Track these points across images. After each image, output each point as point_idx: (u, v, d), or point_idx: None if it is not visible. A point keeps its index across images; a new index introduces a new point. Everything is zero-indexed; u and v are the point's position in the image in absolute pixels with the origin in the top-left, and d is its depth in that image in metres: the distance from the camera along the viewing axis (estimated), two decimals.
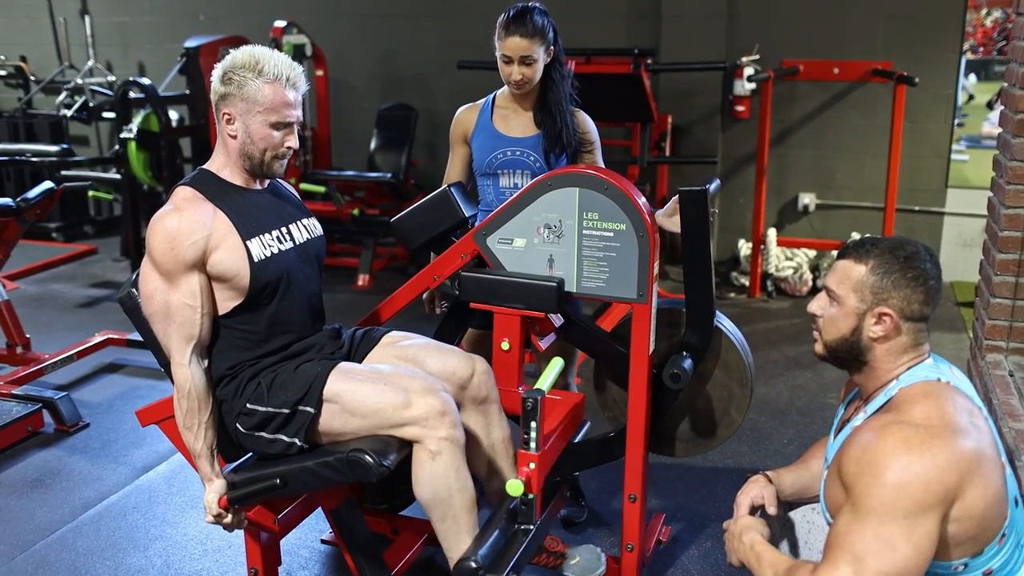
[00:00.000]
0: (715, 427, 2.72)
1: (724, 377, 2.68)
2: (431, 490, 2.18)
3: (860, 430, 1.74)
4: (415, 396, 2.15)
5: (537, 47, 2.76)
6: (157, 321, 2.18)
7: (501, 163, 2.90)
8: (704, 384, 2.69)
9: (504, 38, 2.76)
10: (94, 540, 3.07)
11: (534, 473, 2.20)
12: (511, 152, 2.89)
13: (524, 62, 2.76)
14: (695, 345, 2.58)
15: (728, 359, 2.67)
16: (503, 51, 2.77)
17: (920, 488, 1.60)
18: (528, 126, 2.89)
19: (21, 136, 7.29)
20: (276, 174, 2.32)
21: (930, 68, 5.58)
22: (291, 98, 2.23)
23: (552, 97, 2.85)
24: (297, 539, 3.03)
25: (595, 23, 6.21)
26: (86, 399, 4.20)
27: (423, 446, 2.15)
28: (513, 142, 2.89)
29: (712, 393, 2.70)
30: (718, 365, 2.68)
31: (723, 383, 2.69)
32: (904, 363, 1.81)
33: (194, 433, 2.19)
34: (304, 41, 6.27)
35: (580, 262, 2.48)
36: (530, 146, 2.88)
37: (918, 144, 5.75)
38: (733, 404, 2.70)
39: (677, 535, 3.05)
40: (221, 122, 2.25)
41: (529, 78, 2.79)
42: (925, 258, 1.80)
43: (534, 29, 2.74)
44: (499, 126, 2.92)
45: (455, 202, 2.67)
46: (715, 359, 2.67)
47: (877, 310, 1.79)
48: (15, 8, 7.85)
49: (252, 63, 2.19)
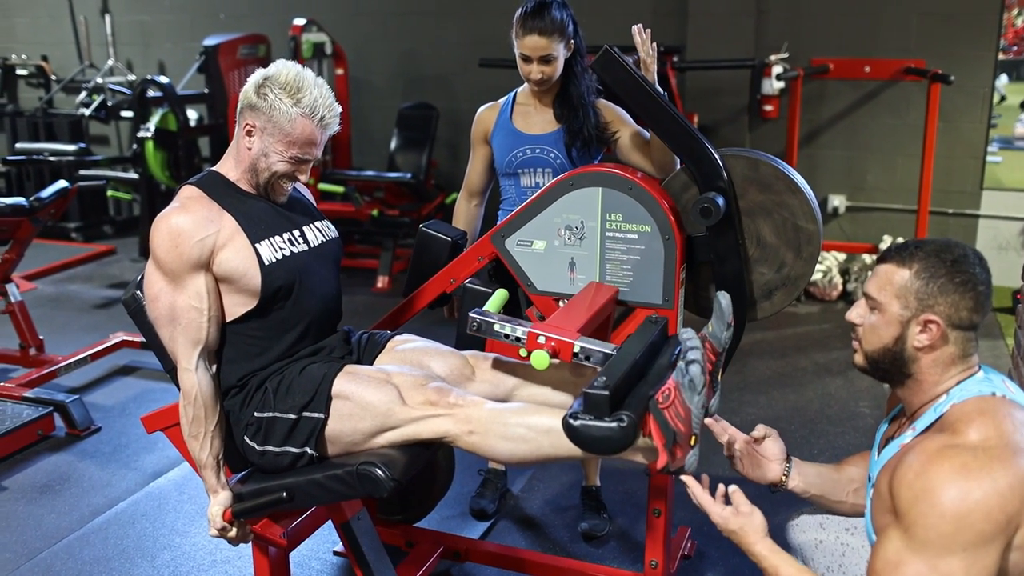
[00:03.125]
0: (798, 249, 2.41)
1: (770, 196, 2.39)
2: (503, 445, 1.98)
3: (911, 450, 1.61)
4: (405, 392, 2.04)
5: (556, 44, 2.65)
6: (162, 324, 2.08)
7: (521, 162, 2.80)
8: (758, 216, 2.41)
9: (522, 36, 2.65)
10: (101, 549, 2.99)
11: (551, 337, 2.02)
12: (531, 150, 2.79)
13: (543, 60, 2.66)
14: (716, 184, 2.34)
15: (761, 176, 2.38)
16: (521, 50, 2.67)
17: (981, 518, 1.47)
18: (549, 122, 2.78)
19: (41, 135, 7.27)
20: (277, 200, 2.21)
21: (965, 66, 5.42)
22: (318, 137, 2.12)
23: (574, 90, 2.74)
24: (309, 550, 2.93)
25: (619, 20, 6.05)
26: (99, 402, 4.13)
27: (456, 439, 2.01)
28: (533, 140, 2.78)
29: (771, 219, 2.41)
30: (757, 189, 2.39)
31: (774, 202, 2.40)
32: (953, 376, 1.68)
33: (200, 442, 2.10)
34: (324, 39, 6.19)
35: (603, 265, 2.37)
36: (550, 143, 2.77)
37: (952, 145, 5.59)
38: (798, 215, 2.39)
39: (703, 550, 2.93)
40: (241, 129, 2.15)
41: (549, 76, 2.69)
42: (974, 262, 1.67)
43: (553, 25, 2.63)
44: (519, 124, 2.81)
45: (434, 235, 2.60)
46: (749, 185, 2.39)
47: (922, 317, 1.66)
48: (37, 8, 7.84)
49: (294, 86, 2.07)
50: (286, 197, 2.23)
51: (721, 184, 2.34)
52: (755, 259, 2.46)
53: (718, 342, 1.98)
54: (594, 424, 1.78)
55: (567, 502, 3.22)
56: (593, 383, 1.82)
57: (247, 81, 2.13)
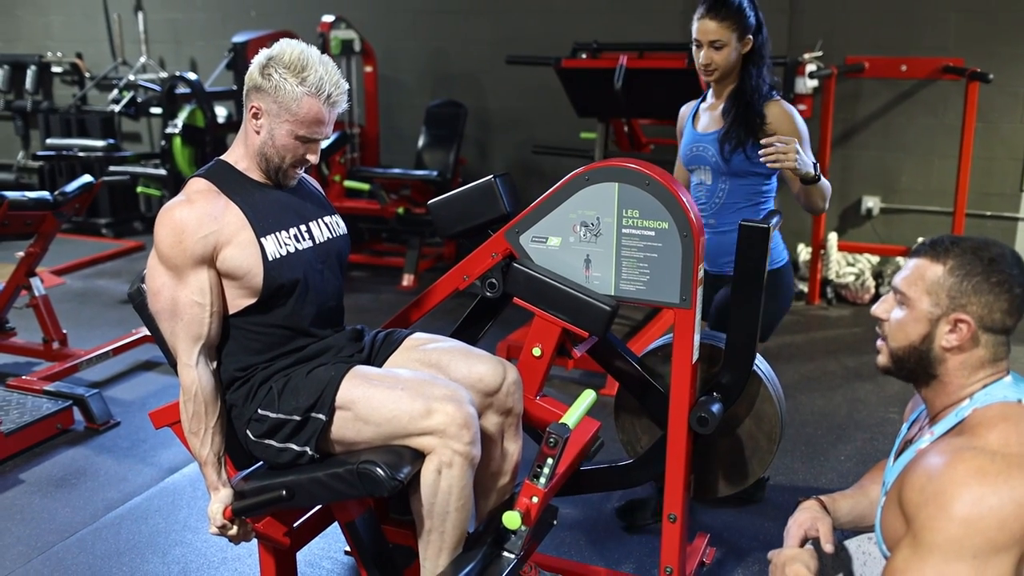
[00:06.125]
0: (731, 475, 2.59)
1: (753, 428, 2.55)
2: (429, 501, 2.02)
3: (925, 454, 1.53)
4: (436, 404, 1.97)
5: (728, 32, 2.61)
6: (164, 319, 2.05)
7: (690, 159, 2.79)
8: (730, 427, 2.54)
9: (696, 19, 2.64)
10: (113, 543, 2.97)
11: (535, 507, 2.09)
12: (696, 148, 2.77)
13: (713, 46, 2.62)
14: (729, 387, 2.40)
15: (762, 410, 2.53)
16: (694, 34, 2.65)
17: (994, 525, 1.38)
18: (716, 120, 2.74)
19: (74, 132, 7.33)
20: (288, 183, 2.17)
21: (1005, 65, 5.26)
22: (326, 116, 2.07)
23: (745, 87, 2.67)
24: (320, 549, 2.89)
25: (650, 18, 6.01)
26: (119, 397, 4.13)
27: (435, 455, 1.98)
28: (700, 137, 2.76)
29: (738, 440, 2.56)
30: (750, 414, 2.54)
31: (751, 433, 2.56)
32: (979, 380, 1.59)
33: (200, 439, 2.06)
34: (353, 36, 6.17)
35: (619, 263, 2.30)
36: (710, 140, 2.73)
37: (991, 145, 5.44)
38: (756, 457, 2.57)
39: (722, 558, 2.85)
40: (248, 112, 2.11)
41: (717, 64, 2.64)
42: (1012, 263, 1.58)
43: (727, 12, 2.60)
44: (697, 120, 2.81)
45: (498, 194, 2.45)
46: (748, 406, 2.53)
47: (953, 316, 1.57)
48: (72, 6, 7.91)
49: (298, 65, 2.02)
50: (296, 180, 2.19)
51: (733, 391, 2.40)
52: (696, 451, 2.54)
53: None
54: None
55: (580, 507, 3.15)
56: None
57: (252, 62, 2.09)
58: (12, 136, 8.18)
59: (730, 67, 2.68)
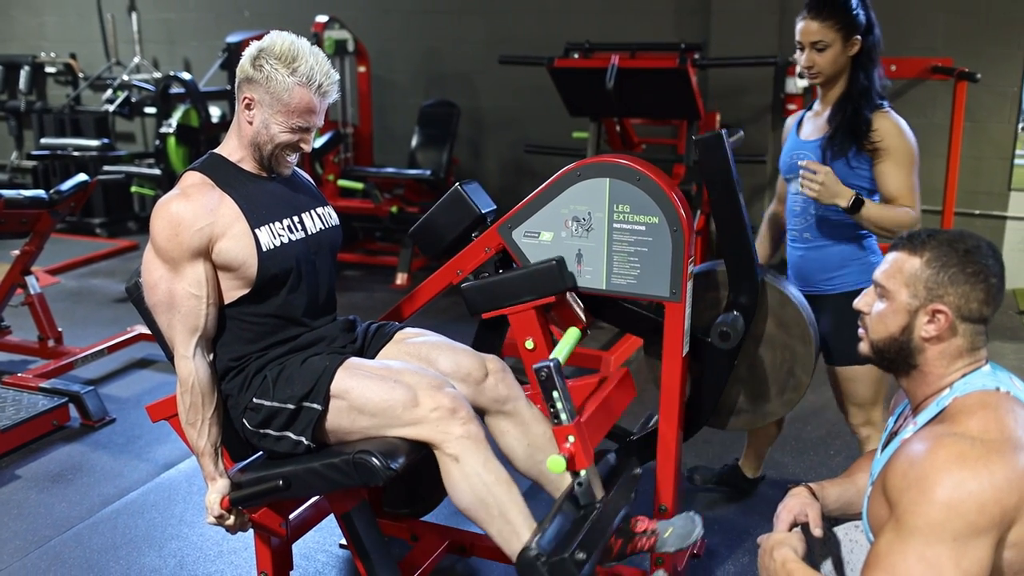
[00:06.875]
0: (782, 390, 2.49)
1: (783, 335, 2.44)
2: (468, 495, 2.02)
3: (909, 442, 1.57)
4: (421, 393, 2.02)
5: (832, 32, 2.46)
6: (161, 312, 2.08)
7: (788, 167, 2.64)
8: (763, 346, 2.47)
9: (798, 20, 2.52)
10: (110, 537, 2.99)
11: (577, 447, 2.03)
12: (796, 156, 2.60)
13: (815, 48, 2.48)
14: (743, 303, 2.38)
15: (785, 315, 2.43)
16: (796, 35, 2.53)
17: (974, 508, 1.42)
18: (821, 127, 2.57)
19: (68, 132, 7.35)
20: (283, 172, 2.20)
21: (993, 65, 5.32)
22: (317, 105, 2.10)
23: (852, 92, 2.49)
24: (315, 542, 2.92)
25: (643, 18, 6.06)
26: (114, 394, 4.15)
27: (443, 452, 2.02)
28: (801, 144, 2.61)
29: (773, 354, 2.47)
30: (775, 323, 2.44)
31: (784, 342, 2.45)
32: (959, 369, 1.63)
33: (197, 430, 2.09)
34: (346, 37, 6.20)
35: (610, 257, 2.34)
36: (811, 149, 2.56)
37: (979, 145, 5.49)
38: (798, 363, 2.45)
39: (713, 548, 2.88)
40: (240, 104, 2.14)
41: (820, 68, 2.49)
42: (987, 253, 1.62)
43: (830, 11, 2.45)
44: (801, 127, 2.67)
45: (468, 200, 2.52)
46: (771, 317, 2.44)
47: (931, 307, 1.61)
48: (65, 6, 7.92)
49: (289, 56, 2.06)
50: (291, 169, 2.22)
51: (748, 304, 2.38)
52: (741, 379, 2.52)
53: (662, 547, 2.13)
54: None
55: None
56: (574, 553, 1.90)
57: (243, 54, 2.12)
58: (6, 136, 8.20)
59: (836, 71, 2.51)
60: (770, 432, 3.04)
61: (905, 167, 2.45)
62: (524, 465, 2.26)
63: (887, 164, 2.45)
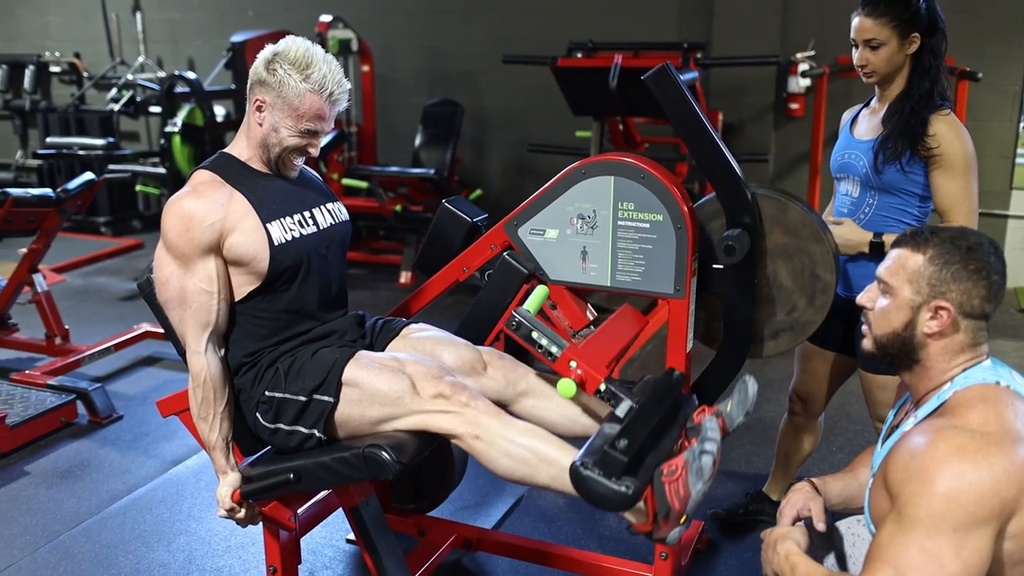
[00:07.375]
0: (812, 297, 2.40)
1: (794, 240, 2.37)
2: (504, 459, 2.01)
3: (909, 435, 1.60)
4: (420, 382, 2.07)
5: (887, 29, 2.35)
6: (172, 307, 2.11)
7: (839, 166, 2.56)
8: (778, 258, 2.41)
9: (853, 16, 2.42)
10: (119, 533, 3.02)
11: (582, 366, 2.04)
12: (847, 155, 2.52)
13: (868, 45, 2.38)
14: (744, 221, 2.34)
15: (789, 220, 2.36)
16: (851, 32, 2.43)
17: (973, 499, 1.45)
18: (876, 127, 2.46)
19: (72, 131, 7.38)
20: (289, 174, 2.24)
21: (994, 64, 5.35)
22: (327, 112, 2.14)
23: (911, 92, 2.38)
24: (322, 537, 2.95)
25: (645, 17, 6.08)
26: (121, 391, 4.18)
27: (461, 438, 2.04)
28: (854, 144, 2.51)
29: (791, 263, 2.39)
30: (782, 231, 2.38)
31: (797, 247, 2.37)
32: (960, 364, 1.66)
33: (209, 424, 2.12)
34: (350, 36, 6.23)
35: (615, 254, 2.36)
36: (863, 149, 2.46)
37: (981, 143, 5.42)
38: (818, 264, 2.36)
39: (717, 543, 2.91)
40: (251, 105, 2.17)
41: (874, 66, 2.40)
42: (989, 251, 1.65)
43: (886, 7, 2.34)
44: (855, 125, 2.56)
45: (458, 212, 2.59)
46: (776, 227, 2.38)
47: (934, 303, 1.64)
48: (70, 6, 7.95)
49: (302, 62, 2.09)
50: (297, 171, 2.26)
51: (748, 221, 2.34)
52: (767, 299, 2.47)
53: (731, 423, 2.05)
54: (602, 481, 1.85)
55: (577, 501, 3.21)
56: (615, 443, 1.85)
57: (257, 57, 2.15)
58: (11, 135, 8.23)
59: (892, 69, 2.41)
60: (803, 450, 2.92)
61: (960, 177, 2.34)
62: (568, 429, 2.28)
63: (941, 173, 2.35)
